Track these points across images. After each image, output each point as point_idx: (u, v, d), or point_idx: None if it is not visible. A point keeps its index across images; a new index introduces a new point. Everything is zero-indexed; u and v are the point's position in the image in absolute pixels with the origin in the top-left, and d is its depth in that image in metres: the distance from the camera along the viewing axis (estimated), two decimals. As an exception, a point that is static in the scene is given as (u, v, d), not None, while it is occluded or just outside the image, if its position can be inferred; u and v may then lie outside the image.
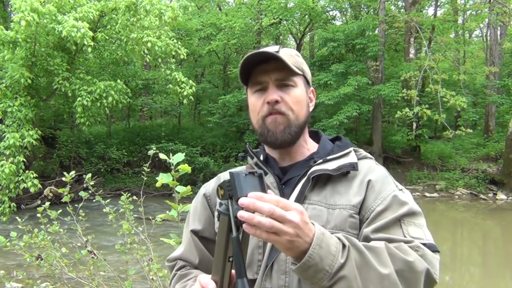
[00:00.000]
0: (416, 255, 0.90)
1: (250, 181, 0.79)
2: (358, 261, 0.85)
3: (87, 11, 10.33)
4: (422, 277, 0.89)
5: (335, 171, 1.06)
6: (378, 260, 0.87)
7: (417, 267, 0.88)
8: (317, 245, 0.81)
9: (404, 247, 0.91)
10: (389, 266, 0.86)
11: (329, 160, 1.10)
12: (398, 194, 1.03)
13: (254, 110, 1.12)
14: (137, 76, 16.97)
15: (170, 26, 12.35)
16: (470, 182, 15.66)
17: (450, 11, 19.96)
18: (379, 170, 1.11)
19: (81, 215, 3.36)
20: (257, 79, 1.10)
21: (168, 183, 2.05)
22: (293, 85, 1.10)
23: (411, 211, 1.01)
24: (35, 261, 3.15)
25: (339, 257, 0.83)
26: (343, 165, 1.07)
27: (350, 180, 1.07)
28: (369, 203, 1.02)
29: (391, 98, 15.58)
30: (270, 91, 1.08)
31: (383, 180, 1.07)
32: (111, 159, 16.35)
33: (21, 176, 9.92)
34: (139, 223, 3.10)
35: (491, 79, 17.89)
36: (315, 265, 0.81)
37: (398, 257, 0.88)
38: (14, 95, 10.78)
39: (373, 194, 1.03)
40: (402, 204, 1.01)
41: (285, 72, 1.08)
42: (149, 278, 2.96)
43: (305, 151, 1.16)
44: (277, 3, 17.39)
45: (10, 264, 6.75)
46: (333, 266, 0.82)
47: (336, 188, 1.06)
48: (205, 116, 19.73)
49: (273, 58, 1.07)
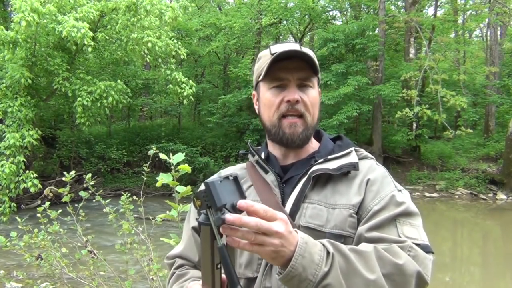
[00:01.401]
0: (407, 257, 0.89)
1: (226, 186, 0.78)
2: (343, 267, 0.84)
3: (87, 11, 10.33)
4: (413, 280, 0.87)
5: (335, 170, 1.06)
6: (365, 265, 0.86)
7: (407, 270, 0.87)
8: (300, 255, 0.80)
9: (395, 249, 0.90)
10: (377, 271, 0.85)
11: (330, 160, 1.09)
12: (396, 194, 1.03)
13: (270, 106, 1.10)
14: (137, 76, 16.97)
15: (170, 26, 12.35)
16: (470, 182, 15.66)
17: (450, 11, 19.96)
18: (379, 170, 1.10)
19: (81, 215, 3.36)
20: (277, 75, 1.08)
21: (168, 183, 2.05)
22: (311, 86, 1.10)
23: (407, 211, 1.00)
24: (35, 261, 3.15)
25: (323, 265, 0.82)
26: (344, 165, 1.07)
27: (350, 179, 1.07)
28: (367, 202, 1.02)
29: (391, 98, 15.58)
30: (291, 90, 1.07)
31: (382, 180, 1.07)
32: (111, 159, 16.34)
33: (21, 176, 9.92)
34: (139, 223, 3.10)
35: (491, 79, 17.89)
36: (298, 275, 0.81)
37: (388, 261, 0.87)
38: (14, 95, 10.78)
39: (371, 194, 1.03)
40: (399, 204, 1.01)
41: (307, 72, 1.08)
42: (149, 278, 2.96)
43: (309, 149, 1.17)
44: (277, 3, 17.38)
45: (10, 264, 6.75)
46: (316, 275, 0.81)
47: (337, 187, 1.06)
48: (205, 116, 19.72)
49: (299, 56, 1.06)
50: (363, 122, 20.02)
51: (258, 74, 1.14)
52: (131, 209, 3.14)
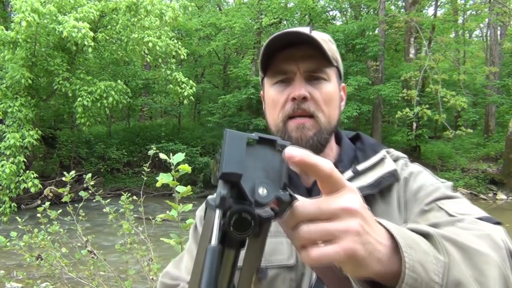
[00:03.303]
0: (481, 228, 0.64)
1: (262, 156, 0.49)
2: (457, 251, 0.54)
3: (87, 11, 10.34)
4: (505, 251, 0.60)
5: (373, 187, 0.82)
6: (469, 239, 0.57)
7: (497, 240, 0.61)
8: (407, 246, 0.49)
9: (458, 229, 0.62)
10: (483, 244, 0.57)
11: (361, 173, 0.85)
12: (439, 186, 0.81)
13: (274, 106, 0.88)
14: (137, 76, 16.99)
15: (170, 26, 12.36)
16: (470, 182, 15.66)
17: (450, 11, 19.97)
18: (413, 167, 0.89)
19: (81, 215, 3.36)
20: (280, 67, 0.86)
21: (168, 183, 2.04)
22: (325, 78, 0.87)
23: (447, 194, 0.79)
24: (35, 261, 3.15)
25: (438, 254, 0.52)
26: (382, 177, 0.83)
27: (387, 193, 0.84)
28: (411, 216, 0.80)
29: (391, 98, 15.59)
30: (296, 84, 0.85)
31: (418, 176, 0.86)
32: (111, 159, 16.35)
33: (21, 176, 9.92)
34: (139, 223, 3.10)
35: (491, 79, 17.90)
36: (419, 278, 0.48)
37: (477, 235, 0.60)
38: (14, 95, 10.79)
39: (410, 196, 0.82)
40: (437, 190, 0.80)
41: (318, 61, 0.85)
42: (149, 278, 2.96)
43: (329, 159, 0.88)
44: (277, 3, 17.39)
45: (10, 264, 6.75)
46: (439, 272, 0.50)
47: (375, 209, 0.81)
48: (205, 116, 19.73)
49: (305, 41, 0.83)
50: (363, 122, 20.02)
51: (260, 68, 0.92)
52: (131, 209, 3.14)
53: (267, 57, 0.86)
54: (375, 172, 0.84)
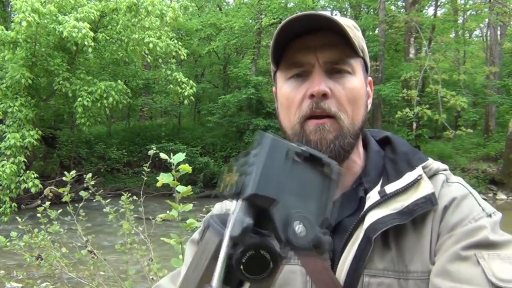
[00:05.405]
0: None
1: (303, 177, 0.37)
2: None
3: (88, 12, 10.34)
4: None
5: (405, 216, 0.67)
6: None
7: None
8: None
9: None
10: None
11: (390, 197, 0.70)
12: (483, 222, 0.67)
13: (289, 106, 0.74)
14: (137, 76, 17.00)
15: (170, 26, 12.37)
16: (470, 182, 15.43)
17: (450, 11, 19.97)
18: (456, 188, 0.73)
19: (81, 215, 3.36)
20: (295, 58, 0.72)
21: (168, 183, 2.04)
22: (349, 71, 0.73)
23: (489, 240, 0.64)
24: (35, 261, 3.15)
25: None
26: (416, 204, 0.68)
27: (420, 221, 0.69)
28: (440, 249, 0.68)
29: (391, 98, 15.60)
30: (315, 78, 0.71)
31: (461, 203, 0.70)
32: (111, 159, 16.36)
33: (22, 176, 9.93)
34: (139, 223, 3.10)
35: (491, 79, 17.91)
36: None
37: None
38: (14, 95, 10.79)
39: (446, 229, 0.68)
40: (478, 230, 0.66)
41: (341, 50, 0.71)
42: (149, 278, 2.96)
43: (354, 167, 0.78)
44: (277, 3, 17.40)
45: (10, 264, 6.75)
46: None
47: (405, 239, 0.69)
48: (205, 116, 19.73)
49: (325, 27, 0.69)
50: (363, 122, 20.01)
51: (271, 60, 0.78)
52: (131, 209, 3.14)
53: (279, 46, 0.72)
54: (408, 196, 0.69)
